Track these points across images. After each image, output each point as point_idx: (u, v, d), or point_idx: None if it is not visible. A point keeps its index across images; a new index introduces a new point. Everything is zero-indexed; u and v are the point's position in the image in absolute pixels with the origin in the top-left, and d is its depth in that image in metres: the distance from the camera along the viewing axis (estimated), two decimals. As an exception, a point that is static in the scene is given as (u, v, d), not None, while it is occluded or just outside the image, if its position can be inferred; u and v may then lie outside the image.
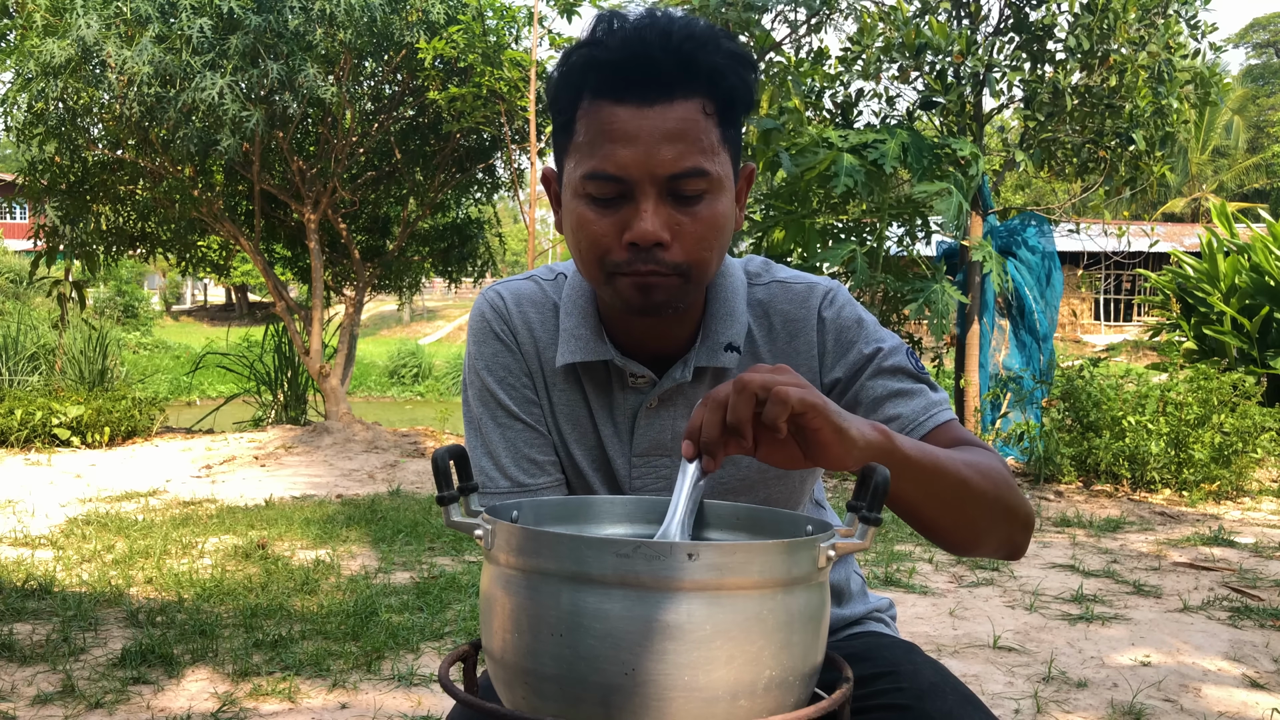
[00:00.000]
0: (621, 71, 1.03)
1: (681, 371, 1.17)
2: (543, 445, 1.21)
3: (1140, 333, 13.42)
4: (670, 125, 1.02)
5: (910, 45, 6.62)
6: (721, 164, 1.06)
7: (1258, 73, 43.90)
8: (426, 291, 29.62)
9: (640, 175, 1.03)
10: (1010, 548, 1.10)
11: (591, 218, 1.06)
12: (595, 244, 1.07)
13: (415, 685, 2.92)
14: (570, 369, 1.21)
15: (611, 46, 1.03)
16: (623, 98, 1.03)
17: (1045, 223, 7.85)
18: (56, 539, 4.70)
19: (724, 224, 1.08)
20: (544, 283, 1.25)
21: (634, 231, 1.03)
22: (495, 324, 1.23)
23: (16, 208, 34.08)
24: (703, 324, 1.18)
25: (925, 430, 1.12)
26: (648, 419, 1.19)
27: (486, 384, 1.21)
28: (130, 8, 7.03)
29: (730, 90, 1.06)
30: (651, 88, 1.02)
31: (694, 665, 0.77)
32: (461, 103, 7.87)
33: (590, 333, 1.18)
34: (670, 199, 1.04)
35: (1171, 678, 3.03)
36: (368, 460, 7.36)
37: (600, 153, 1.04)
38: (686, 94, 1.03)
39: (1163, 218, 30.51)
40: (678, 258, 1.05)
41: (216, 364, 11.56)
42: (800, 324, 1.20)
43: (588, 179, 1.05)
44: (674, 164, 1.03)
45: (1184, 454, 6.11)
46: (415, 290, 10.71)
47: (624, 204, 1.05)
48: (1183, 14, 6.91)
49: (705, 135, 1.04)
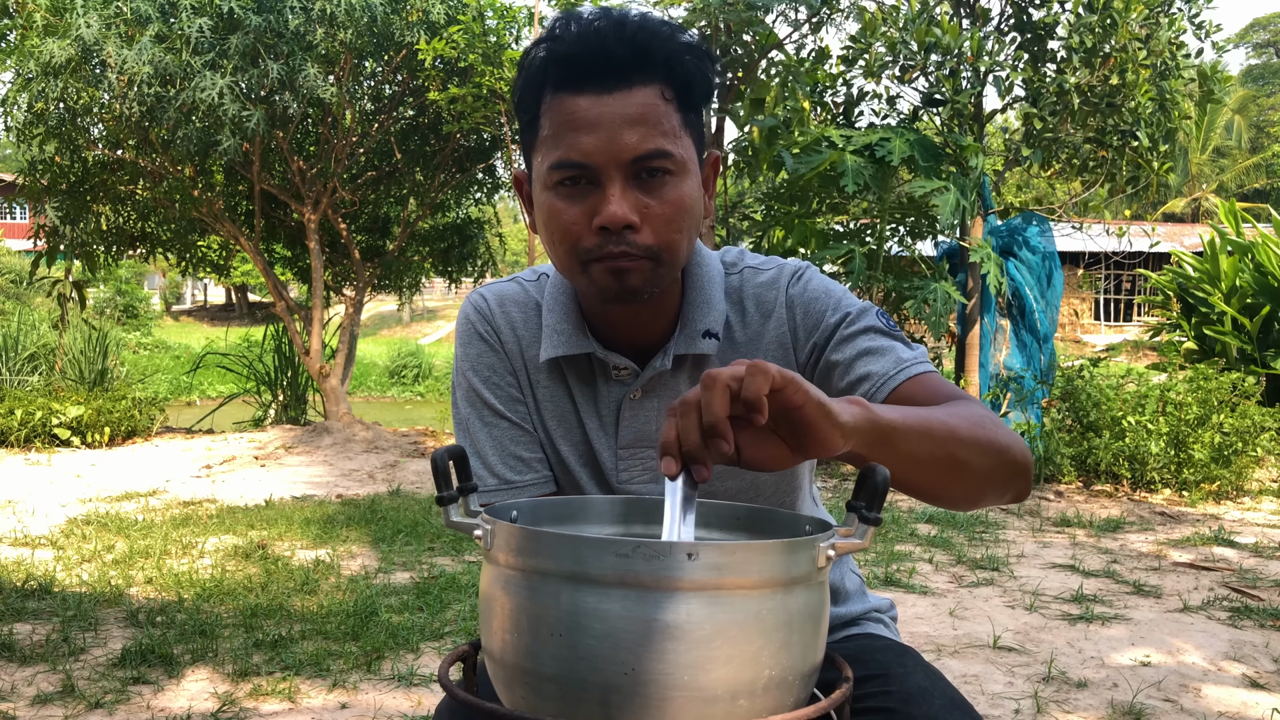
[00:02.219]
0: (579, 63, 1.05)
1: (661, 360, 1.18)
2: (529, 443, 1.23)
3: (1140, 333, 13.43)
4: (631, 110, 1.04)
5: (921, 43, 6.62)
6: (684, 147, 1.08)
7: (1258, 73, 43.88)
8: (426, 291, 29.63)
9: (605, 160, 1.04)
10: (1015, 492, 1.06)
11: (561, 207, 1.08)
12: (566, 233, 1.08)
13: (415, 685, 2.92)
14: (554, 364, 1.22)
15: (568, 40, 1.06)
16: (582, 88, 1.05)
17: (1046, 222, 7.85)
18: (56, 539, 4.70)
19: (691, 206, 1.09)
20: (526, 283, 1.27)
21: (603, 215, 1.05)
22: (479, 325, 1.25)
23: (16, 208, 34.08)
24: (680, 313, 1.19)
25: (897, 383, 1.09)
26: (632, 410, 1.20)
27: (472, 384, 1.23)
28: (130, 8, 7.03)
29: (687, 76, 1.08)
30: (610, 76, 1.04)
31: (694, 665, 0.77)
32: (462, 103, 7.88)
33: (572, 327, 1.20)
34: (636, 183, 1.06)
35: (1171, 678, 3.03)
36: (368, 460, 7.36)
37: (565, 142, 1.05)
38: (645, 80, 1.05)
39: (1163, 218, 30.52)
40: (648, 240, 1.07)
41: (216, 364, 11.57)
42: (770, 305, 1.20)
43: (554, 169, 1.07)
44: (636, 147, 1.04)
45: (1184, 454, 6.10)
46: (415, 290, 10.72)
47: (592, 191, 1.06)
48: (1186, 12, 6.91)
49: (666, 119, 1.06)
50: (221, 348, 12.26)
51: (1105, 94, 6.82)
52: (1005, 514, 5.63)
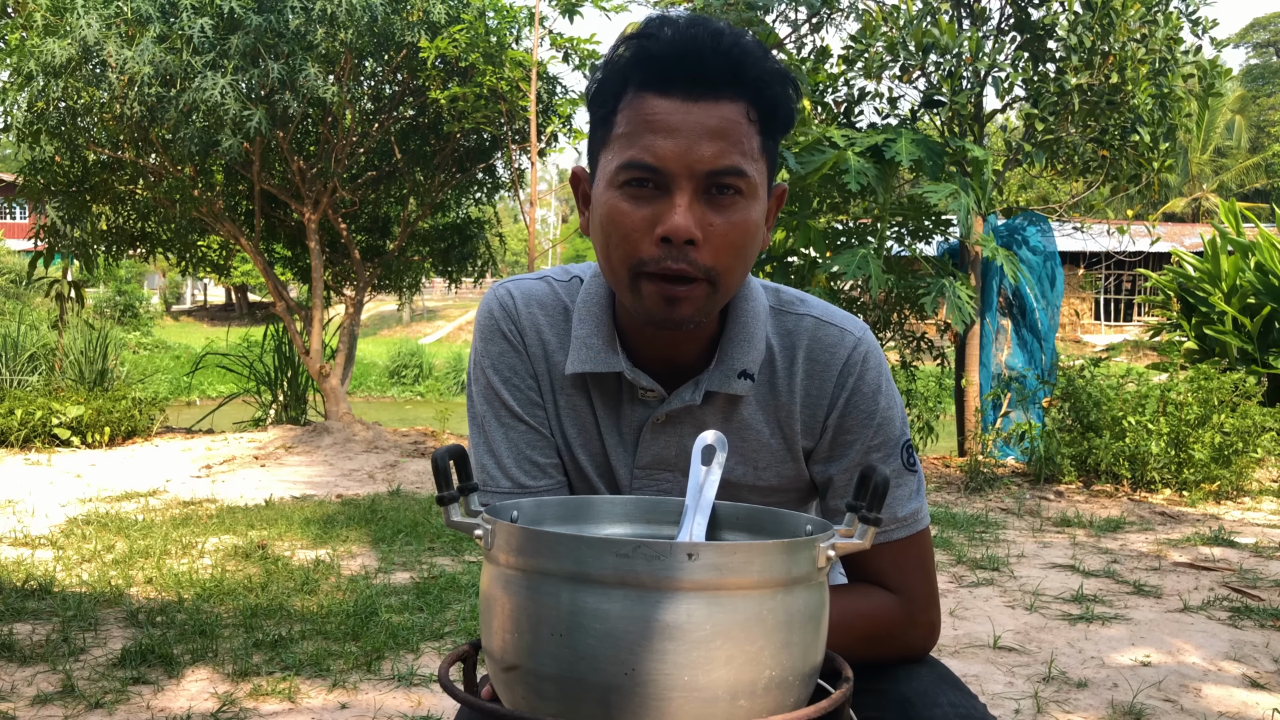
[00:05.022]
0: (670, 65, 1.02)
1: (692, 393, 1.15)
2: (545, 448, 1.20)
3: (1141, 332, 13.42)
4: (713, 122, 1.02)
5: (919, 44, 6.61)
6: (759, 171, 1.05)
7: (1258, 73, 43.88)
8: (426, 291, 29.65)
9: (678, 169, 1.01)
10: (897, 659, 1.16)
11: (625, 209, 1.04)
12: (626, 237, 1.04)
13: (415, 685, 2.92)
14: (579, 377, 1.19)
15: (662, 40, 1.03)
16: (668, 91, 1.02)
17: (1046, 222, 7.86)
18: (56, 539, 4.70)
19: (754, 232, 1.06)
20: (557, 284, 1.23)
21: (667, 225, 1.01)
22: (503, 323, 1.21)
23: (16, 208, 34.08)
24: (719, 345, 1.16)
25: (881, 541, 1.13)
26: (653, 434, 1.18)
27: (491, 383, 1.20)
28: (131, 8, 7.03)
29: (774, 100, 1.05)
30: (698, 84, 1.02)
31: (694, 665, 0.77)
32: (462, 102, 7.87)
33: (603, 342, 1.16)
34: (704, 197, 1.03)
35: (1172, 678, 3.03)
36: (368, 460, 7.36)
37: (640, 143, 1.02)
38: (732, 96, 1.03)
39: (1163, 218, 30.50)
40: (707, 260, 1.04)
41: (216, 364, 11.56)
42: (823, 369, 1.18)
43: (624, 168, 1.03)
44: (713, 161, 1.01)
45: (1184, 454, 6.10)
46: (415, 290, 10.71)
47: (658, 197, 1.03)
48: (1183, 9, 6.92)
49: (747, 139, 1.03)
50: (221, 348, 12.24)
51: (1105, 93, 6.82)
52: (1005, 514, 5.63)
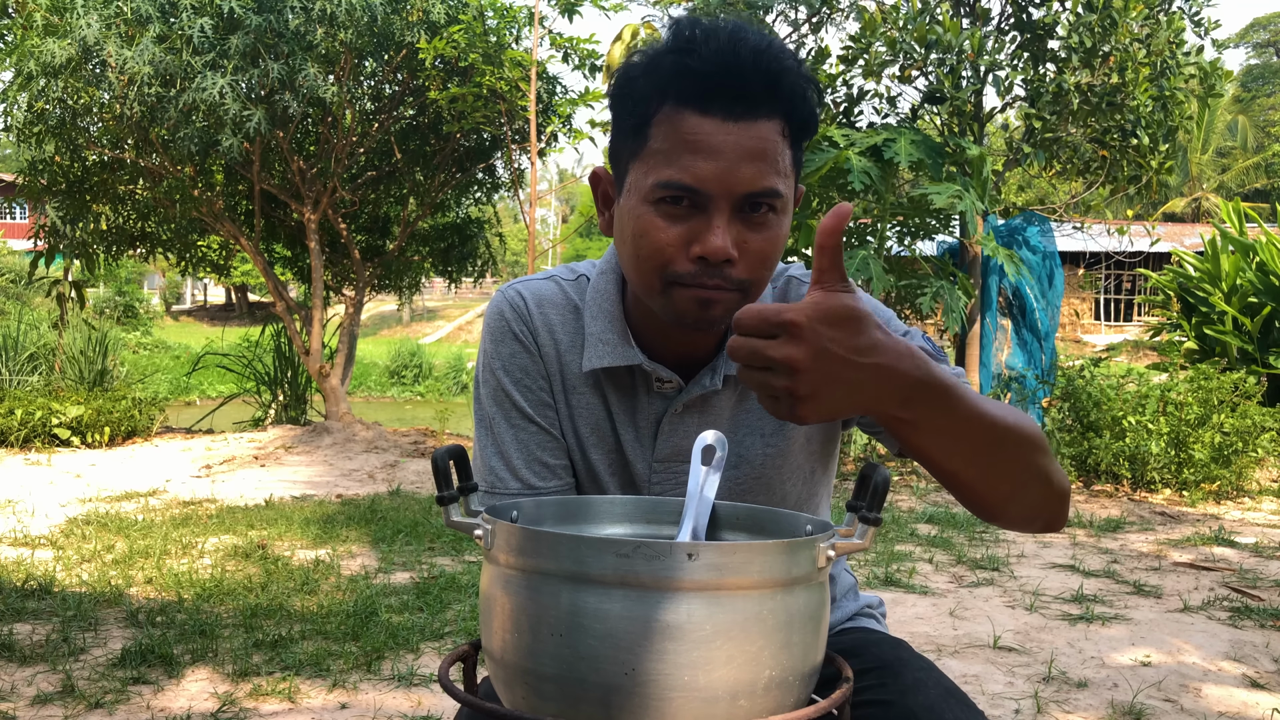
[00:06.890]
0: (711, 83, 1.01)
1: (710, 379, 1.16)
2: (555, 449, 1.20)
3: (1141, 333, 13.43)
4: (752, 143, 1.02)
5: (922, 40, 6.61)
6: (789, 185, 1.07)
7: (1258, 73, 43.87)
8: (426, 291, 29.65)
9: (718, 190, 1.02)
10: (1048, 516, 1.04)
11: (660, 225, 1.04)
12: (658, 253, 1.05)
13: (415, 685, 2.92)
14: (593, 374, 1.19)
15: (705, 56, 1.02)
16: (709, 110, 1.02)
17: (1046, 222, 7.85)
18: (56, 539, 4.70)
19: (783, 244, 1.08)
20: (565, 284, 1.23)
21: (705, 246, 1.02)
22: (515, 324, 1.21)
23: (16, 208, 34.08)
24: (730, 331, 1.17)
25: None
26: (672, 424, 1.18)
27: (502, 384, 1.20)
28: (131, 7, 7.03)
29: (806, 114, 1.06)
30: (739, 103, 1.02)
31: (694, 665, 0.77)
32: (462, 102, 7.87)
33: (617, 337, 1.17)
34: (739, 215, 1.04)
35: (1171, 678, 3.03)
36: (368, 460, 7.36)
37: (679, 162, 1.02)
38: (769, 113, 1.03)
39: (1163, 218, 30.50)
40: (742, 275, 1.05)
41: (216, 364, 11.56)
42: None
43: (661, 186, 1.03)
44: (752, 183, 1.02)
45: (1184, 454, 6.10)
46: (415, 290, 10.70)
47: (694, 215, 1.04)
48: (1186, 10, 6.91)
49: (781, 157, 1.04)
50: (221, 348, 12.24)
51: (1105, 93, 6.82)
52: (1005, 514, 5.63)
